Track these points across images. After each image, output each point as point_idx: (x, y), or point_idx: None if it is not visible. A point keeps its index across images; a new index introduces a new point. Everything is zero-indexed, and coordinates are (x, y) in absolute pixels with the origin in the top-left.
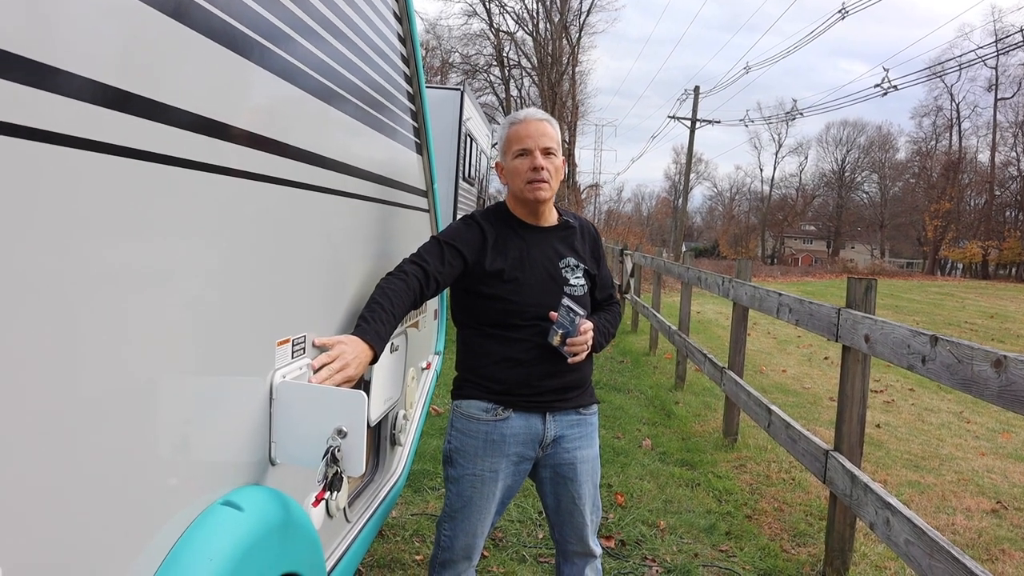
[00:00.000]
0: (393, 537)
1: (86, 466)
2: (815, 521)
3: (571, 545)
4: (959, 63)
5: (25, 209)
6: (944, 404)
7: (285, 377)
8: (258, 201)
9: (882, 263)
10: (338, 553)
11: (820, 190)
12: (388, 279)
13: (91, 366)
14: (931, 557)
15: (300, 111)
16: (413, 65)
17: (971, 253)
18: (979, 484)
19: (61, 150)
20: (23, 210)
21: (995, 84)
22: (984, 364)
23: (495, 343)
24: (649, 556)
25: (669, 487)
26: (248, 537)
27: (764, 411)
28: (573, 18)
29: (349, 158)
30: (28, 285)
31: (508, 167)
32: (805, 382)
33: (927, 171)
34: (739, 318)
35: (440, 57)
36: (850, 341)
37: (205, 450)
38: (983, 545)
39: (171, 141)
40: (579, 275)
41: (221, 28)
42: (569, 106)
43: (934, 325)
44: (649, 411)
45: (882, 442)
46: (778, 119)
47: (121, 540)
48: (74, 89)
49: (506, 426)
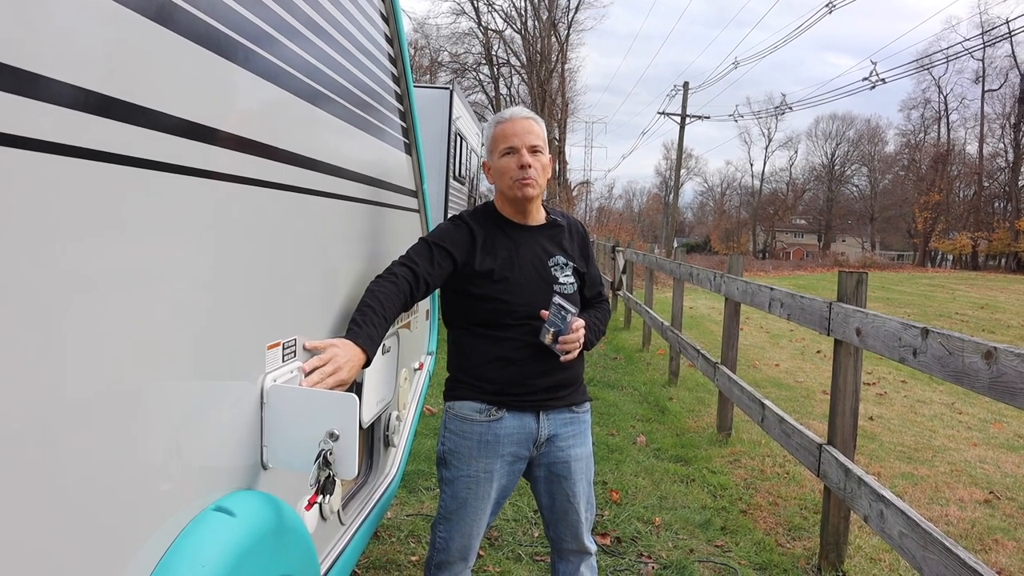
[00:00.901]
0: (389, 538)
1: (75, 472)
2: (810, 515)
3: (566, 543)
4: (946, 55)
5: (12, 215)
6: (936, 395)
7: (276, 381)
8: (246, 204)
9: (873, 256)
10: (333, 556)
11: (810, 184)
12: (378, 282)
13: (80, 371)
14: (925, 549)
15: (287, 113)
16: (401, 65)
17: (961, 244)
18: (972, 475)
19: (47, 157)
20: (10, 216)
21: (982, 76)
22: (975, 356)
23: (486, 343)
24: (645, 552)
25: (664, 483)
26: (241, 543)
27: (758, 406)
28: (561, 15)
29: (337, 160)
30: (16, 291)
31: (495, 166)
32: (798, 376)
33: (916, 163)
34: (731, 313)
35: (429, 56)
36: (841, 335)
37: (196, 455)
38: (976, 535)
39: (158, 146)
40: (568, 273)
41: (206, 31)
42: (559, 103)
43: (925, 317)
44: (643, 407)
45: (875, 434)
46: (767, 114)
47: (111, 547)
48: (58, 95)
49: (500, 426)
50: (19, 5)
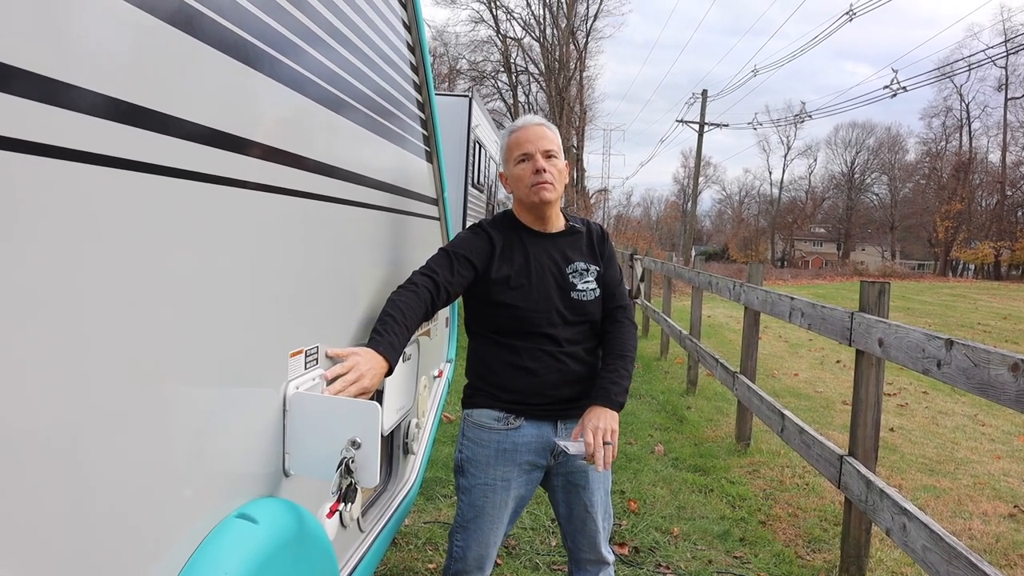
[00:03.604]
0: (406, 546)
1: (99, 479)
2: (830, 527)
3: (584, 553)
4: (968, 63)
5: (45, 224)
6: (958, 407)
7: (298, 388)
8: (270, 213)
9: (893, 265)
10: (352, 563)
11: (830, 192)
12: (399, 291)
13: (105, 378)
14: (949, 563)
15: (311, 121)
16: (422, 73)
17: (983, 254)
18: (995, 488)
19: (78, 166)
20: (43, 225)
21: (1005, 84)
22: (1001, 368)
23: (505, 351)
24: (663, 563)
25: (682, 493)
26: (263, 550)
27: (777, 416)
28: (580, 23)
29: (360, 168)
30: (47, 297)
31: (512, 174)
32: (818, 386)
33: (937, 172)
34: (751, 322)
35: (448, 64)
36: (863, 345)
37: (219, 462)
38: (1001, 550)
39: (185, 155)
40: (589, 279)
41: (232, 41)
42: (577, 111)
43: (947, 327)
44: (661, 416)
45: (896, 446)
46: (786, 122)
47: (135, 554)
48: (89, 105)
49: (518, 435)
50: (51, 16)
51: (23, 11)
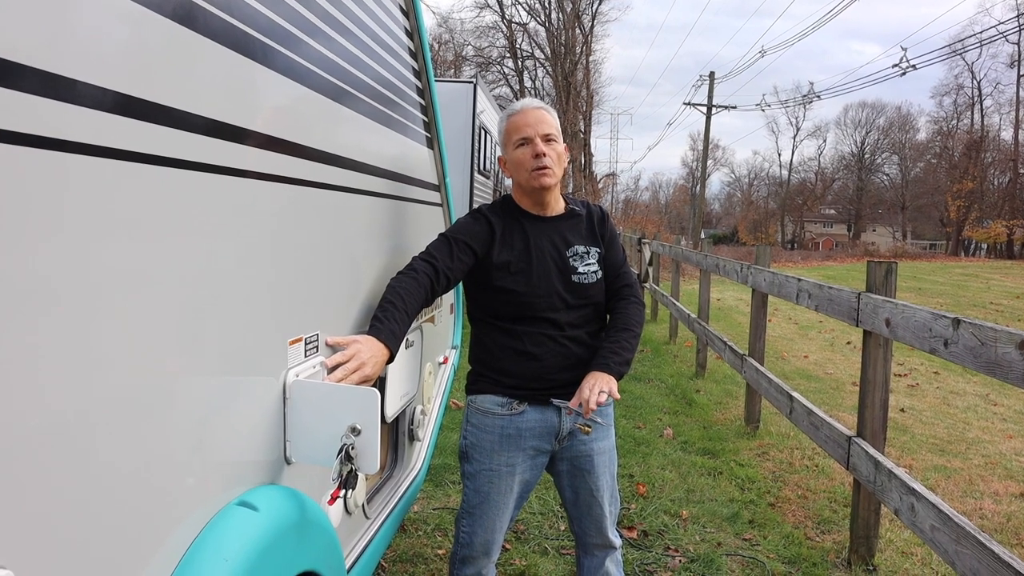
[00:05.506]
0: (415, 532)
1: (101, 467)
2: (839, 508)
3: (591, 537)
4: (980, 40)
5: (45, 215)
6: (970, 387)
7: (298, 376)
8: (269, 201)
9: (904, 245)
10: (358, 550)
11: (840, 173)
12: (399, 278)
13: (105, 367)
14: (958, 543)
15: (309, 110)
16: (421, 59)
17: (995, 233)
18: (1007, 467)
19: (77, 158)
20: (43, 217)
21: (1018, 60)
22: (1008, 346)
23: (506, 337)
24: (672, 546)
25: (691, 476)
26: (264, 537)
27: (786, 398)
28: (585, 7)
29: (359, 155)
30: (48, 289)
31: (511, 159)
32: (827, 367)
33: (949, 151)
34: (759, 305)
35: (453, 50)
36: (870, 326)
37: (219, 450)
38: (1012, 529)
39: (184, 145)
40: (590, 262)
41: (229, 31)
42: (584, 95)
43: (959, 307)
44: (670, 400)
45: (907, 427)
46: (795, 102)
47: (136, 541)
48: (90, 98)
49: (521, 420)
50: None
51: (28, 10)
